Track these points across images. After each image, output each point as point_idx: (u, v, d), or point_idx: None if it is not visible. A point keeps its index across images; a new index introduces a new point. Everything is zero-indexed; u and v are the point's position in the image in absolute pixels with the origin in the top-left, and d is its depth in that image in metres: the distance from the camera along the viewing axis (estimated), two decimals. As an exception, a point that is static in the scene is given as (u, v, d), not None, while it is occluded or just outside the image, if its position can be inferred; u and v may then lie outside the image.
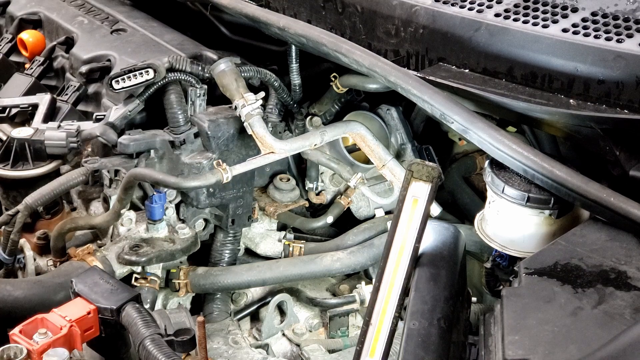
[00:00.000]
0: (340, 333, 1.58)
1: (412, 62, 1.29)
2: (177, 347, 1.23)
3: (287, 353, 1.57)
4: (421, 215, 0.99)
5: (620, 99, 1.07)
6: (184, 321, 1.38)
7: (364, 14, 1.34)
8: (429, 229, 1.03)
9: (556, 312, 0.89)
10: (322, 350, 1.51)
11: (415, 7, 1.26)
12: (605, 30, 1.10)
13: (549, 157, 1.08)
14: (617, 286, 0.93)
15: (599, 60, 1.08)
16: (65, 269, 1.43)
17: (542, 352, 0.83)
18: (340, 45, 1.27)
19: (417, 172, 1.00)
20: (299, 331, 1.57)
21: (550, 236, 1.17)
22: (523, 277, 0.96)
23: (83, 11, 1.86)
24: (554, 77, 1.12)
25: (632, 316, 0.87)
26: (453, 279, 1.04)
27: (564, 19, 1.14)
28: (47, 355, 1.15)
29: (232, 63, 1.48)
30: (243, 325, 1.56)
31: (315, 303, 1.60)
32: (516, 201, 1.16)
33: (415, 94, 1.17)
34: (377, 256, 1.56)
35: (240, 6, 1.48)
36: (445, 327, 0.96)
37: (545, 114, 1.13)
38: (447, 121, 1.16)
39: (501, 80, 1.18)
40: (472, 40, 1.20)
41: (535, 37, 1.14)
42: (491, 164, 1.20)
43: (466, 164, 1.73)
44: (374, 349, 0.94)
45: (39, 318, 1.21)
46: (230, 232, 1.59)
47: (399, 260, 0.98)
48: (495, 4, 1.21)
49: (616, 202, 1.01)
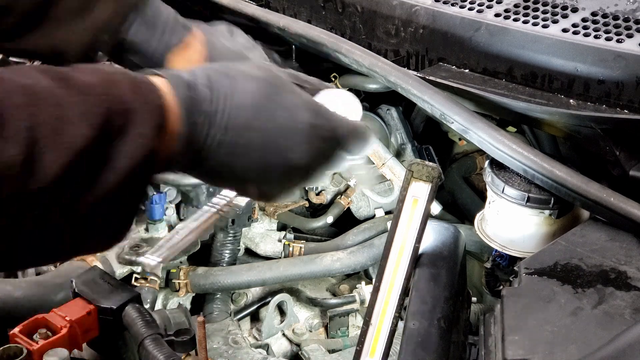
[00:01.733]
0: (340, 333, 1.58)
1: (412, 62, 1.29)
2: (177, 347, 1.23)
3: (287, 353, 1.57)
4: (421, 215, 0.99)
5: (620, 99, 1.06)
6: (184, 321, 1.38)
7: (364, 14, 1.34)
8: (429, 229, 1.03)
9: (556, 312, 0.89)
10: (322, 350, 1.51)
11: (415, 7, 1.26)
12: (605, 30, 1.10)
13: (549, 157, 1.08)
14: (617, 286, 0.93)
15: (599, 60, 1.08)
16: (65, 269, 1.43)
17: (542, 352, 0.83)
18: (340, 45, 1.27)
19: (417, 172, 1.00)
20: (299, 331, 1.57)
21: (550, 236, 1.17)
22: (523, 277, 0.96)
23: (83, 11, 1.86)
24: (554, 77, 1.12)
25: (632, 316, 0.87)
26: (453, 279, 1.04)
27: (564, 19, 1.14)
28: (47, 355, 1.15)
29: None
30: (243, 325, 1.56)
31: (315, 303, 1.60)
32: (516, 201, 1.16)
33: (415, 94, 1.17)
34: (377, 256, 1.56)
35: (240, 6, 1.48)
36: (445, 327, 0.96)
37: (545, 114, 1.13)
38: (447, 121, 1.16)
39: (501, 80, 1.18)
40: (472, 40, 1.20)
41: (535, 37, 1.14)
42: (491, 164, 1.20)
43: (466, 164, 1.73)
44: (374, 349, 0.94)
45: (39, 318, 1.21)
46: (230, 232, 1.59)
47: (399, 260, 0.98)
48: (495, 4, 1.21)
49: (616, 202, 1.01)
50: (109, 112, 0.77)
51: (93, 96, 0.77)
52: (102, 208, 0.79)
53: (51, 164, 0.73)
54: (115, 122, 0.77)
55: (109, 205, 0.80)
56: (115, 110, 0.77)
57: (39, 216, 0.76)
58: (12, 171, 0.70)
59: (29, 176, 0.72)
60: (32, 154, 0.71)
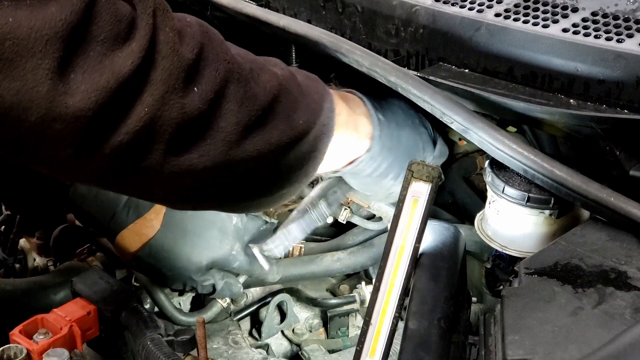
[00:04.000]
0: (340, 333, 1.58)
1: (412, 62, 1.29)
2: (177, 347, 1.23)
3: (287, 353, 1.57)
4: (421, 215, 0.99)
5: (620, 99, 1.06)
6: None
7: (364, 14, 1.34)
8: (429, 229, 1.03)
9: (556, 312, 0.89)
10: (322, 350, 1.51)
11: (416, 7, 1.26)
12: (606, 30, 1.10)
13: (549, 157, 1.08)
14: (617, 286, 0.93)
15: (599, 60, 1.08)
16: (65, 269, 1.43)
17: (542, 352, 0.83)
18: (341, 45, 1.27)
19: (417, 172, 1.00)
20: (299, 331, 1.57)
21: (551, 236, 1.17)
22: (523, 277, 0.96)
23: (83, 11, 1.85)
24: (554, 77, 1.12)
25: (632, 316, 0.87)
26: (453, 279, 1.04)
27: (564, 19, 1.14)
28: (47, 355, 1.15)
29: None
30: (243, 325, 1.56)
31: (315, 303, 1.59)
32: (516, 201, 1.16)
33: (415, 93, 1.17)
34: (377, 256, 1.56)
35: (240, 6, 1.48)
36: (445, 327, 0.96)
37: (546, 113, 1.13)
38: (447, 121, 1.16)
39: (501, 80, 1.18)
40: (472, 40, 1.19)
41: (535, 37, 1.14)
42: (491, 164, 1.20)
43: (466, 164, 1.73)
44: (374, 349, 0.94)
45: (39, 318, 1.22)
46: (230, 233, 1.59)
47: (399, 260, 0.98)
48: (495, 4, 1.21)
49: (616, 202, 1.01)
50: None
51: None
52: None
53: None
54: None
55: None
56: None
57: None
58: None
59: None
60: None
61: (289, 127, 1.00)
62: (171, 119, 0.85)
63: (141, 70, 0.80)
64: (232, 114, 0.91)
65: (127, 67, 0.79)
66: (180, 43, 0.85)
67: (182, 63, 0.84)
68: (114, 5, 0.79)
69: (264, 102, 0.96)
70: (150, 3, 0.83)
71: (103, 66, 0.77)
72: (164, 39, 0.83)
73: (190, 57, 0.86)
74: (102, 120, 0.79)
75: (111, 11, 0.78)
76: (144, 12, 0.82)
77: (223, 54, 0.91)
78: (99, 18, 0.77)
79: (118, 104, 0.80)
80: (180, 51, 0.84)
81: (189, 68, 0.86)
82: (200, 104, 0.87)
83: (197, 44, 0.87)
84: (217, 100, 0.89)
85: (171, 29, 0.84)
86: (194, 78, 0.86)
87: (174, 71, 0.83)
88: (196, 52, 0.87)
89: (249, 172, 0.99)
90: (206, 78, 0.87)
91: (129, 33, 0.80)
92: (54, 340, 1.17)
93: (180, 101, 0.85)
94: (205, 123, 0.89)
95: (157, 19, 0.83)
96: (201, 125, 0.89)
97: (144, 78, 0.81)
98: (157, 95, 0.82)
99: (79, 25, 0.75)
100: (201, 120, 0.88)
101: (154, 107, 0.82)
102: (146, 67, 0.81)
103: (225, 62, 0.90)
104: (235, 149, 0.93)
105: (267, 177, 1.05)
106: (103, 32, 0.77)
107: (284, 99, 1.00)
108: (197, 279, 1.37)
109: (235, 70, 0.92)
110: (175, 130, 0.86)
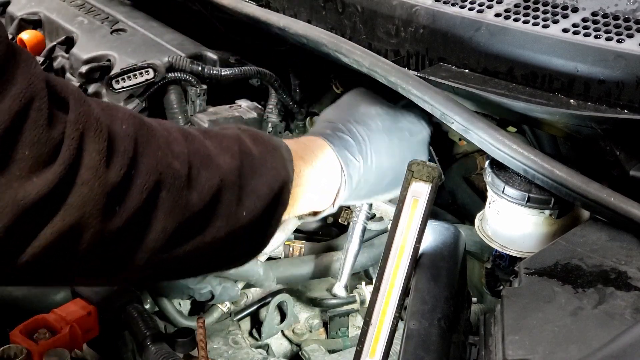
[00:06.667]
0: (340, 333, 1.58)
1: (412, 62, 1.29)
2: (177, 347, 1.23)
3: (287, 353, 1.57)
4: (421, 215, 0.99)
5: (620, 99, 1.06)
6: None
7: (364, 14, 1.34)
8: (429, 229, 1.03)
9: (556, 312, 0.89)
10: (322, 350, 1.51)
11: (416, 7, 1.26)
12: (606, 30, 1.10)
13: (549, 157, 1.08)
14: (617, 286, 0.93)
15: (599, 60, 1.08)
16: (65, 269, 1.43)
17: (542, 352, 0.83)
18: (341, 45, 1.27)
19: (417, 172, 1.00)
20: (299, 331, 1.57)
21: (551, 236, 1.17)
22: (523, 277, 0.96)
23: (83, 11, 1.86)
24: (554, 77, 1.12)
25: (633, 316, 0.87)
26: (453, 279, 1.04)
27: (564, 19, 1.14)
28: (47, 355, 1.15)
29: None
30: (243, 326, 1.56)
31: (316, 303, 1.60)
32: (516, 201, 1.16)
33: (416, 94, 1.17)
34: (377, 256, 1.56)
35: (240, 6, 1.48)
36: (445, 327, 0.96)
37: (546, 114, 1.13)
38: (447, 121, 1.16)
39: (501, 80, 1.18)
40: (472, 40, 1.19)
41: (535, 37, 1.14)
42: (491, 164, 1.20)
43: (466, 164, 1.73)
44: (374, 349, 0.94)
45: (39, 318, 1.21)
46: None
47: (399, 260, 0.98)
48: (495, 4, 1.21)
49: (616, 202, 1.01)
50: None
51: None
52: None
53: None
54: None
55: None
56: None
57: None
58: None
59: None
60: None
61: (230, 222, 0.95)
62: (86, 242, 0.81)
63: (52, 197, 0.77)
64: (159, 223, 0.87)
65: (32, 195, 0.75)
66: (107, 165, 0.81)
67: (105, 188, 0.81)
68: (42, 126, 0.76)
69: (199, 205, 0.91)
70: (80, 126, 0.79)
71: (10, 190, 0.74)
72: (87, 163, 0.79)
73: (115, 180, 0.82)
74: (8, 241, 0.76)
75: (37, 132, 0.75)
76: (69, 136, 0.78)
77: (157, 162, 0.87)
78: (22, 139, 0.74)
79: (22, 229, 0.77)
80: (105, 175, 0.81)
81: (113, 190, 0.82)
82: (121, 223, 0.83)
83: (127, 160, 0.83)
84: (142, 214, 0.85)
85: (99, 152, 0.80)
86: (117, 199, 0.82)
87: (92, 197, 0.79)
88: (124, 172, 0.82)
89: (183, 267, 0.97)
90: (131, 197, 0.83)
91: (53, 156, 0.77)
92: (54, 340, 1.17)
93: (98, 225, 0.81)
94: (126, 240, 0.85)
95: (85, 141, 0.79)
96: (119, 244, 0.85)
97: (55, 204, 0.78)
98: (70, 221, 0.79)
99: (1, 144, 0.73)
100: (120, 239, 0.84)
101: (63, 230, 0.78)
102: (59, 193, 0.77)
103: (157, 173, 0.86)
104: (162, 254, 0.89)
105: (210, 265, 1.02)
106: (22, 154, 0.74)
107: (225, 196, 0.94)
108: (194, 287, 1.38)
109: (166, 180, 0.87)
110: (89, 250, 0.82)
